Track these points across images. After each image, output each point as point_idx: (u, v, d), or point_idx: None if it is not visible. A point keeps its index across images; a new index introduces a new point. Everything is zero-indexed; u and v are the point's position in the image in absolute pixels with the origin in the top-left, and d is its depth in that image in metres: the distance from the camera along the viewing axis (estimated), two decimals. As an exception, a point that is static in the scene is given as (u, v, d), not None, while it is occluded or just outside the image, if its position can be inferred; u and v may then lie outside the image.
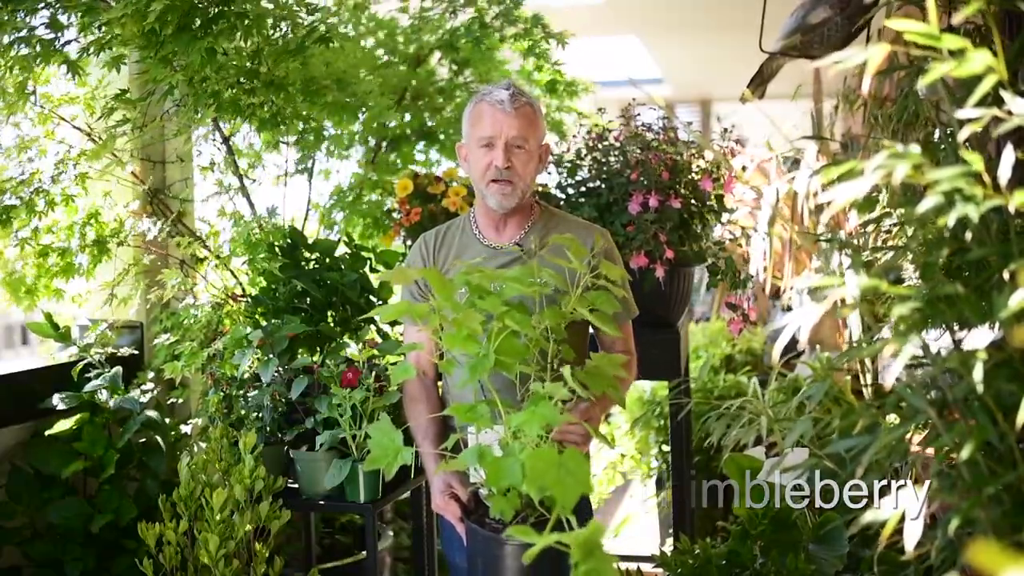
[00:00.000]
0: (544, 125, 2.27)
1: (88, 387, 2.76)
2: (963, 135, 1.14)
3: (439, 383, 2.36)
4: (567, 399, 1.71)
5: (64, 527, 2.61)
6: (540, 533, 1.33)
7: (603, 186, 2.91)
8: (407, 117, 3.62)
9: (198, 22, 2.50)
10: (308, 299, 2.69)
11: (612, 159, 2.95)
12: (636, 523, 4.44)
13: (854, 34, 2.62)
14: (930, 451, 1.39)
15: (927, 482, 1.29)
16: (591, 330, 2.31)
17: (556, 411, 1.63)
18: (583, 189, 2.98)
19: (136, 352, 3.10)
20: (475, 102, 2.23)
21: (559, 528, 1.43)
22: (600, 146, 2.99)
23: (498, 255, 2.23)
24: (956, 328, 1.28)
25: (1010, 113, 1.09)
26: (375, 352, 2.55)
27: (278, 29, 2.73)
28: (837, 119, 3.67)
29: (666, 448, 4.10)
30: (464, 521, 1.97)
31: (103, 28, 2.53)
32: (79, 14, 2.48)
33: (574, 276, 1.95)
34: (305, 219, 3.32)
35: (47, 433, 2.69)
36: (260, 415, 2.57)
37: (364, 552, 3.14)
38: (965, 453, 1.12)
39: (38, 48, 2.52)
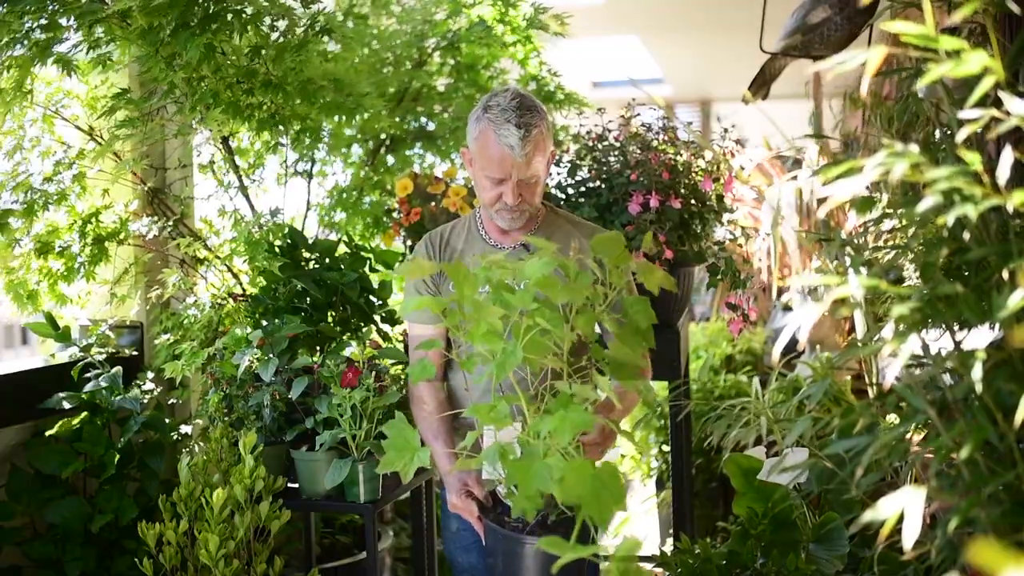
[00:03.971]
0: (551, 140, 2.20)
1: (88, 387, 2.76)
2: (962, 135, 1.14)
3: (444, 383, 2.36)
4: (593, 400, 1.67)
5: (64, 527, 2.61)
6: (562, 534, 1.31)
7: (603, 186, 2.91)
8: (407, 118, 3.62)
9: (196, 19, 2.50)
10: (308, 299, 2.69)
11: (612, 159, 2.95)
12: (636, 523, 4.45)
13: (856, 33, 2.62)
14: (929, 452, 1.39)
15: (926, 482, 1.29)
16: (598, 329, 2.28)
17: (589, 417, 1.58)
18: (583, 189, 2.98)
19: (136, 352, 3.10)
20: (482, 125, 2.12)
21: (584, 532, 1.40)
22: (600, 146, 2.99)
23: (512, 255, 2.20)
24: (956, 328, 1.28)
25: (1008, 113, 1.09)
26: (375, 352, 2.55)
27: (275, 28, 2.73)
28: (838, 119, 3.67)
29: (666, 448, 4.10)
30: (482, 520, 1.96)
31: (101, 28, 2.53)
32: (74, 14, 2.47)
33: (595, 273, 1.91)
34: (304, 219, 3.32)
35: (47, 433, 2.69)
36: (260, 415, 2.57)
37: (364, 552, 3.14)
38: (965, 453, 1.12)
39: (35, 51, 2.52)
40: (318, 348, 2.64)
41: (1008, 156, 1.10)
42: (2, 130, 2.80)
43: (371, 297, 2.79)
